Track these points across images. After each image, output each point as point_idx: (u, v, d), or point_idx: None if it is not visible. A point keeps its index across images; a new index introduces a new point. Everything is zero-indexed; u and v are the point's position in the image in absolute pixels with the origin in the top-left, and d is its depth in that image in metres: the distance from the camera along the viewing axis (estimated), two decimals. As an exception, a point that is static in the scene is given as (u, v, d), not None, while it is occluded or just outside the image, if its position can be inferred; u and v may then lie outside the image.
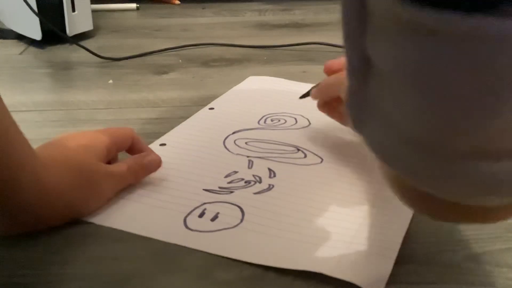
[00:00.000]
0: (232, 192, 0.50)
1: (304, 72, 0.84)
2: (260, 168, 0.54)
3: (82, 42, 0.96)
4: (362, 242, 0.42)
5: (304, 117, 0.66)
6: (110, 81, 0.81)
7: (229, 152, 0.58)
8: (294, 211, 0.47)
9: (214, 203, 0.48)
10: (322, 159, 0.56)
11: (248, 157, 0.56)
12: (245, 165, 0.55)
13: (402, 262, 0.40)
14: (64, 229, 0.44)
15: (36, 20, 0.93)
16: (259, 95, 0.74)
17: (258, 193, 0.50)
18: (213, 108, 0.69)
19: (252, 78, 0.80)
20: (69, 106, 0.72)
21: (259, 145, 0.59)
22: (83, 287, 0.39)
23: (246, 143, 0.59)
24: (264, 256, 0.41)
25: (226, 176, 0.53)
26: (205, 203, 0.48)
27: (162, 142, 0.59)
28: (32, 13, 0.91)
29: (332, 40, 0.95)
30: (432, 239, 0.44)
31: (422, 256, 0.42)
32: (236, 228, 0.45)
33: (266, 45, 0.96)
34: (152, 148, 0.55)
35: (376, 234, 0.44)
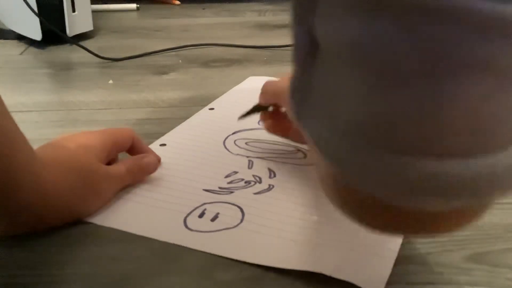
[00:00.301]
0: (232, 192, 0.50)
1: (304, 72, 0.84)
2: (260, 168, 0.54)
3: (82, 43, 0.96)
4: (362, 242, 0.42)
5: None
6: (110, 81, 0.81)
7: (229, 152, 0.58)
8: (294, 211, 0.47)
9: (214, 203, 0.48)
10: (322, 159, 0.56)
11: (248, 157, 0.56)
12: (245, 165, 0.55)
13: (402, 262, 0.40)
14: (64, 229, 0.44)
15: (36, 20, 0.93)
16: (259, 95, 0.74)
17: (258, 193, 0.50)
18: (213, 108, 0.69)
19: (252, 78, 0.80)
20: (69, 106, 0.72)
21: (259, 145, 0.59)
22: (83, 287, 0.39)
23: (246, 143, 0.59)
24: (264, 256, 0.41)
25: (226, 176, 0.53)
26: (205, 203, 0.48)
27: (162, 142, 0.59)
28: (32, 13, 0.91)
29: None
30: (432, 239, 0.43)
31: (422, 256, 0.42)
32: (236, 228, 0.45)
33: (266, 45, 0.96)
34: (152, 148, 0.55)
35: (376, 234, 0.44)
